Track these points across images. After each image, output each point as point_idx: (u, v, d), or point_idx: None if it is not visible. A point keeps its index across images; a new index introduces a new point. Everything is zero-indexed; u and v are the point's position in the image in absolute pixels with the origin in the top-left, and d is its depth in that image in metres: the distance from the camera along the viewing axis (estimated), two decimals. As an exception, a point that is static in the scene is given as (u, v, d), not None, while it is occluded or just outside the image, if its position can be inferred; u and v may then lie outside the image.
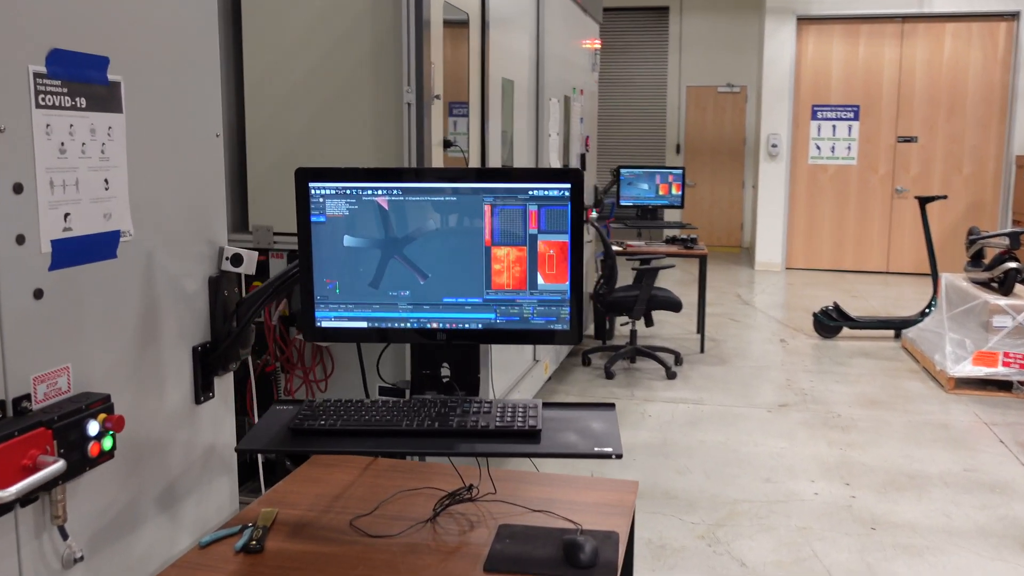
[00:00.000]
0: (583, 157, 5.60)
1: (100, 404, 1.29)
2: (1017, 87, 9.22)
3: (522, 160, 4.24)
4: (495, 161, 3.60)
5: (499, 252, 1.54)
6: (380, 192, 1.53)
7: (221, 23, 2.78)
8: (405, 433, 1.45)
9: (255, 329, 1.73)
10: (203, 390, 1.64)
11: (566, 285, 1.55)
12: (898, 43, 9.58)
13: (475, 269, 1.54)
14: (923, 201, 6.48)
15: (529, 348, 4.47)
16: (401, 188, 1.53)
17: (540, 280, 1.55)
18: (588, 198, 5.88)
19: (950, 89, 9.44)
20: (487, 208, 1.53)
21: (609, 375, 5.24)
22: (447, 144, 2.93)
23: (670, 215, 10.07)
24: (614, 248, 5.60)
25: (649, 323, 5.46)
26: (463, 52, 3.22)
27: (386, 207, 1.53)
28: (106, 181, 1.37)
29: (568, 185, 1.52)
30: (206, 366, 1.64)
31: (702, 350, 5.89)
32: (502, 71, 3.75)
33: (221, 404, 1.70)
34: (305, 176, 1.53)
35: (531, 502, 1.63)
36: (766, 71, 9.71)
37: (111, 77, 1.37)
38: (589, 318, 6.00)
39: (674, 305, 5.33)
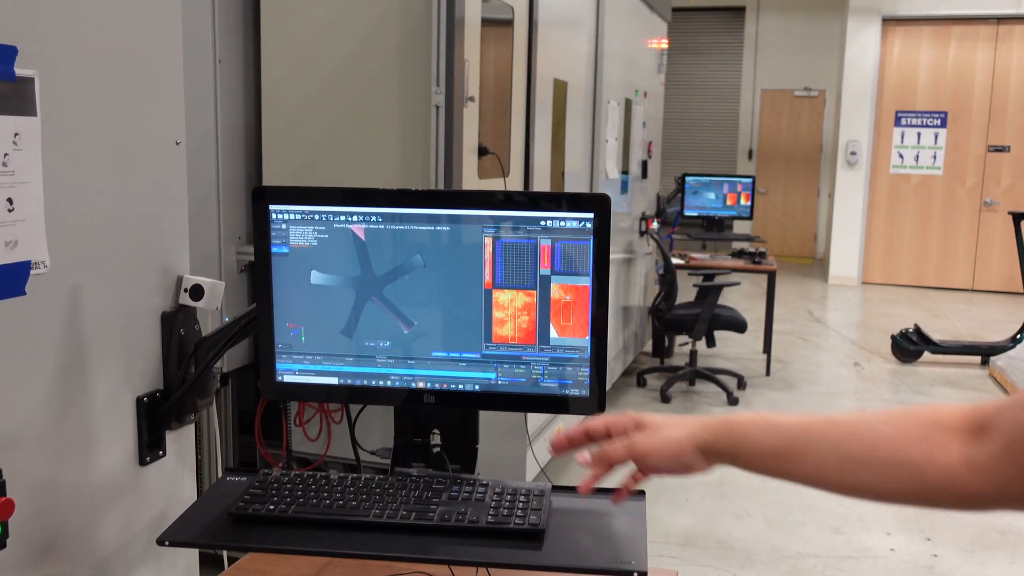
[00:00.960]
0: (645, 164, 5.21)
1: (-23, 486, 1.01)
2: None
3: (575, 167, 3.90)
4: (541, 169, 3.27)
5: (502, 297, 1.21)
6: (356, 218, 1.21)
7: (239, 21, 2.53)
8: (372, 527, 1.13)
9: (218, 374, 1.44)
10: (150, 448, 1.35)
11: (586, 340, 1.21)
12: (992, 46, 8.88)
13: (472, 317, 1.22)
14: (1017, 217, 5.88)
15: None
16: (381, 214, 1.21)
17: (553, 333, 1.21)
18: (650, 207, 5.49)
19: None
20: (488, 241, 1.20)
21: (665, 399, 4.85)
22: (482, 151, 2.61)
23: (739, 227, 9.58)
24: (676, 261, 5.20)
25: (711, 344, 5.04)
26: (508, 50, 2.90)
27: (363, 237, 1.22)
28: (9, 201, 1.09)
29: (591, 215, 1.18)
30: (155, 419, 1.35)
31: (768, 373, 5.44)
32: (553, 71, 3.42)
33: (176, 463, 1.42)
34: (264, 196, 1.23)
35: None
36: (847, 74, 9.12)
37: (20, 72, 1.09)
38: (647, 335, 5.61)
39: (739, 326, 4.91)
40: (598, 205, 1.19)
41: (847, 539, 3.26)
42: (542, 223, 1.19)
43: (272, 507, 1.16)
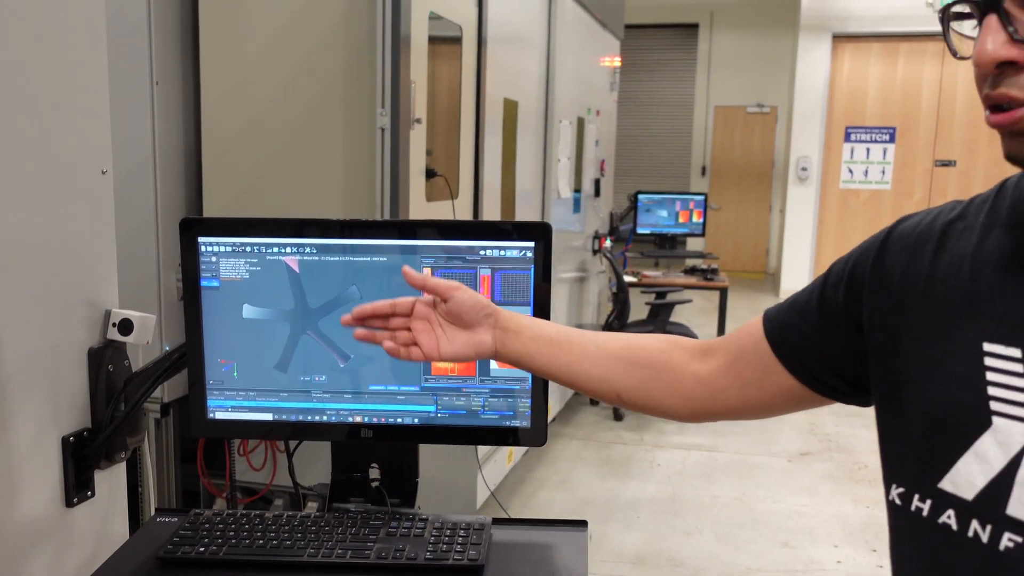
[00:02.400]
0: (598, 182, 5.25)
1: None
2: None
3: (527, 186, 3.91)
4: (491, 189, 3.28)
5: (440, 329, 1.20)
6: (289, 250, 1.20)
7: (177, 42, 2.49)
8: (307, 567, 1.11)
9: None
10: (78, 488, 1.31)
11: (527, 372, 1.21)
12: (939, 62, 9.14)
13: (410, 349, 1.21)
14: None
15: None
16: (316, 245, 1.20)
17: (493, 364, 1.21)
18: (603, 226, 5.53)
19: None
20: (426, 272, 1.19)
21: (618, 416, 4.87)
22: (430, 173, 2.61)
23: (693, 243, 9.69)
24: (629, 279, 5.24)
25: (665, 361, 5.07)
26: (456, 70, 2.91)
27: (297, 269, 1.20)
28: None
29: (532, 244, 1.19)
30: (83, 459, 1.32)
31: (722, 390, 5.49)
32: (504, 91, 3.43)
33: (106, 504, 1.38)
34: (192, 228, 1.20)
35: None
36: (798, 91, 9.31)
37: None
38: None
39: (692, 343, 4.95)
40: (539, 234, 1.19)
41: (795, 553, 3.29)
42: (481, 252, 1.19)
43: (203, 549, 1.13)
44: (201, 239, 1.20)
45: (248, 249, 1.20)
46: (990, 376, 0.79)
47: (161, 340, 2.39)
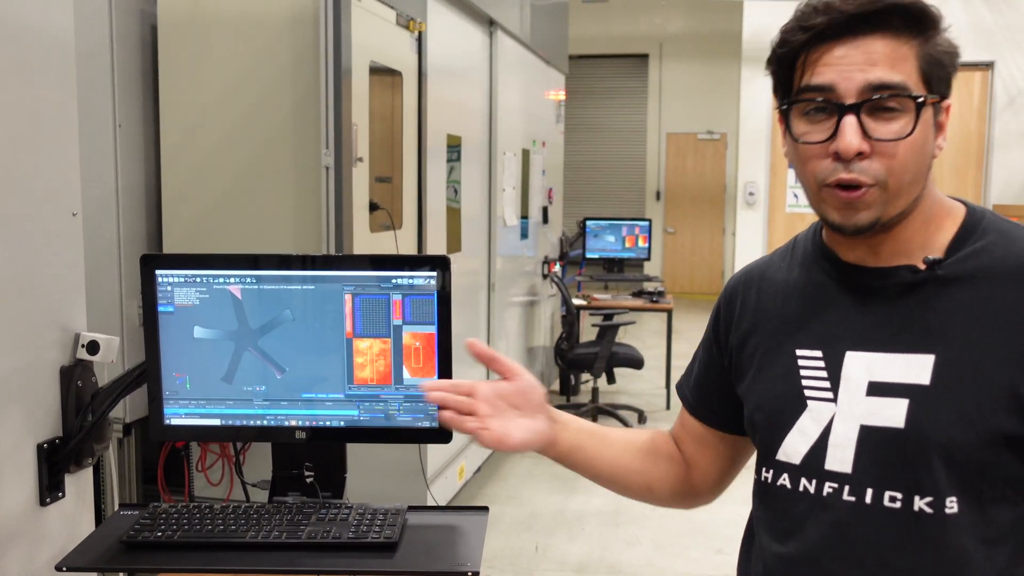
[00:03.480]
0: (545, 210, 5.53)
1: None
2: (993, 136, 9.24)
3: (472, 214, 4.17)
4: (435, 220, 3.52)
5: (361, 344, 1.44)
6: (233, 280, 1.43)
7: (139, 87, 2.72)
8: (250, 546, 1.33)
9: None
10: (50, 490, 1.52)
11: (434, 379, 1.45)
12: (875, 92, 9.62)
13: (336, 362, 1.44)
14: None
15: (480, 409, 4.34)
16: (255, 276, 1.43)
17: (406, 374, 1.45)
18: (553, 251, 5.80)
19: None
20: (348, 297, 1.43)
21: (568, 435, 5.10)
22: (373, 207, 2.85)
23: (649, 267, 10.01)
24: (579, 302, 5.51)
25: (611, 380, 5.34)
26: (399, 109, 3.16)
27: (239, 296, 1.43)
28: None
29: (434, 273, 1.43)
30: (55, 463, 1.53)
31: (668, 407, 5.77)
32: (447, 127, 3.69)
33: (75, 504, 1.59)
34: (151, 262, 1.43)
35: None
36: (743, 118, 9.71)
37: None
38: (554, 374, 5.88)
39: (636, 363, 5.22)
40: (440, 264, 1.43)
41: (729, 559, 3.54)
42: (393, 281, 1.43)
43: (160, 534, 1.35)
44: (158, 271, 1.43)
45: (198, 279, 1.43)
46: (802, 372, 1.08)
47: (124, 361, 2.59)
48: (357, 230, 2.72)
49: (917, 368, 0.98)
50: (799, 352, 1.08)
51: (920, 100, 0.95)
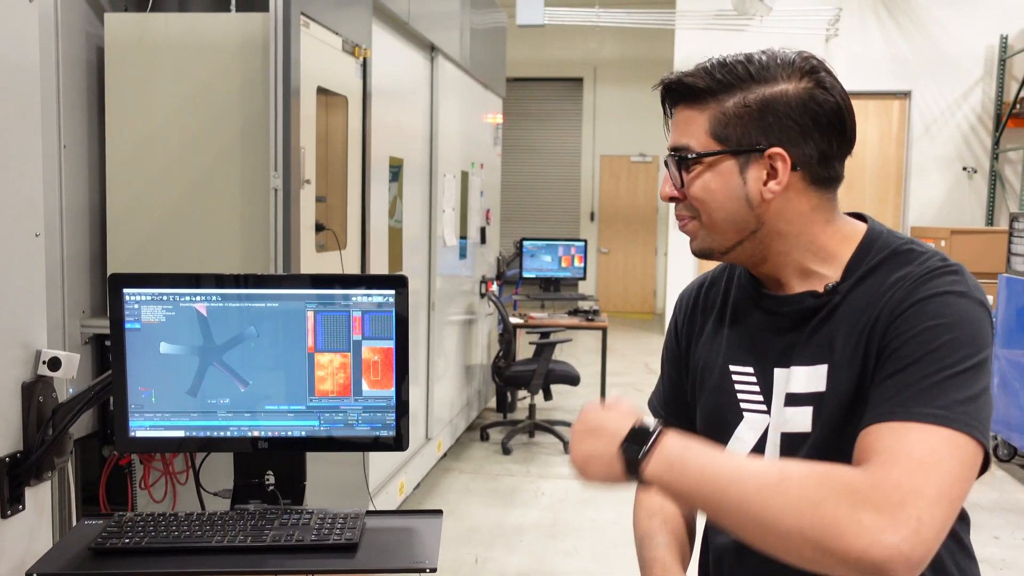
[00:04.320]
0: (483, 230, 5.66)
1: None
2: (911, 162, 9.76)
3: (414, 235, 4.27)
4: (378, 240, 3.62)
5: (322, 359, 1.54)
6: (199, 298, 1.52)
7: (84, 107, 2.75)
8: (216, 550, 1.41)
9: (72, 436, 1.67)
10: (11, 502, 1.57)
11: (391, 391, 1.56)
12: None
13: (298, 375, 1.54)
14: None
15: (421, 425, 4.44)
16: (220, 294, 1.52)
17: (365, 386, 1.55)
18: (490, 270, 5.93)
19: (849, 164, 9.89)
20: (310, 314, 1.53)
21: (506, 451, 5.23)
22: (319, 227, 2.93)
23: (584, 286, 10.23)
24: (516, 321, 5.64)
25: (548, 397, 5.48)
26: (344, 133, 3.26)
27: (205, 313, 1.52)
28: None
29: (392, 291, 1.54)
30: (15, 477, 1.57)
31: (603, 423, 5.93)
32: (389, 150, 3.80)
33: (34, 516, 1.63)
34: (119, 282, 1.51)
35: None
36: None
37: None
38: (491, 391, 6.00)
39: (572, 379, 5.37)
40: (397, 283, 1.54)
41: (663, 567, 3.70)
42: (353, 299, 1.53)
43: (128, 540, 1.42)
44: (126, 290, 1.50)
45: (165, 298, 1.51)
46: (737, 387, 1.22)
47: (65, 383, 2.61)
48: (304, 250, 2.81)
49: (816, 378, 1.13)
50: (732, 368, 1.22)
51: (690, 157, 1.13)
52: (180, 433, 1.54)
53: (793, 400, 1.15)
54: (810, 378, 1.14)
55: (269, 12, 2.62)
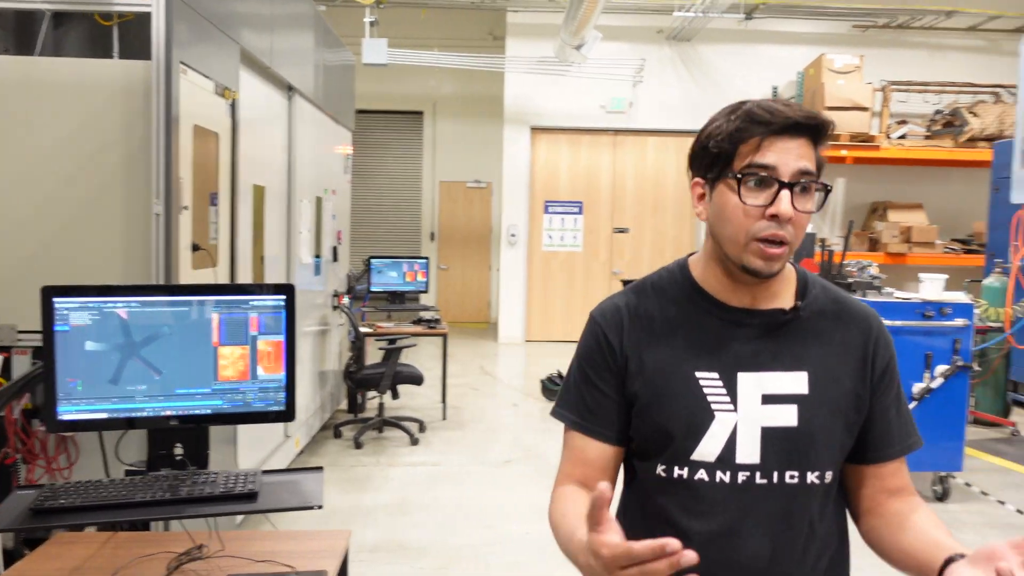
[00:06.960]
0: (335, 249, 5.90)
1: None
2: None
3: (274, 253, 4.48)
4: (244, 256, 3.83)
5: (225, 351, 1.82)
6: (120, 304, 1.76)
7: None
8: (141, 504, 1.66)
9: None
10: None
11: (281, 375, 1.86)
12: (612, 151, 10.90)
13: (205, 365, 1.81)
14: (625, 283, 7.42)
15: (280, 425, 4.63)
16: (139, 301, 1.77)
17: (260, 372, 1.84)
18: (341, 285, 6.17)
19: (653, 190, 10.87)
20: (215, 316, 1.81)
21: (358, 445, 5.48)
22: (195, 247, 3.14)
23: (426, 298, 10.58)
24: (365, 330, 5.91)
25: (395, 396, 5.78)
26: (215, 164, 3.46)
27: (125, 317, 1.76)
28: None
29: (283, 297, 1.85)
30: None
31: (444, 417, 6.31)
32: (253, 178, 4.01)
33: (-35, 492, 1.81)
34: (50, 293, 1.73)
35: (256, 555, 1.87)
36: (506, 171, 10.63)
37: None
38: (343, 394, 6.22)
39: (416, 379, 5.71)
40: (287, 291, 1.85)
41: (495, 531, 4.11)
42: (251, 303, 1.83)
43: (64, 501, 1.64)
44: (55, 299, 1.73)
45: (91, 305, 1.74)
46: (706, 390, 1.27)
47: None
48: (182, 267, 3.00)
49: (796, 382, 1.27)
50: (698, 374, 1.27)
51: (827, 186, 1.23)
52: (103, 415, 1.77)
53: (773, 399, 1.26)
54: (790, 382, 1.27)
55: (151, 60, 2.82)
